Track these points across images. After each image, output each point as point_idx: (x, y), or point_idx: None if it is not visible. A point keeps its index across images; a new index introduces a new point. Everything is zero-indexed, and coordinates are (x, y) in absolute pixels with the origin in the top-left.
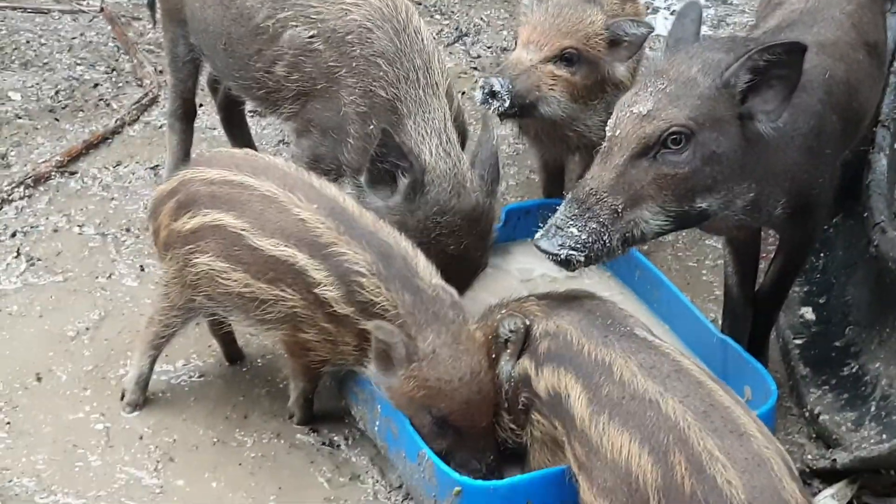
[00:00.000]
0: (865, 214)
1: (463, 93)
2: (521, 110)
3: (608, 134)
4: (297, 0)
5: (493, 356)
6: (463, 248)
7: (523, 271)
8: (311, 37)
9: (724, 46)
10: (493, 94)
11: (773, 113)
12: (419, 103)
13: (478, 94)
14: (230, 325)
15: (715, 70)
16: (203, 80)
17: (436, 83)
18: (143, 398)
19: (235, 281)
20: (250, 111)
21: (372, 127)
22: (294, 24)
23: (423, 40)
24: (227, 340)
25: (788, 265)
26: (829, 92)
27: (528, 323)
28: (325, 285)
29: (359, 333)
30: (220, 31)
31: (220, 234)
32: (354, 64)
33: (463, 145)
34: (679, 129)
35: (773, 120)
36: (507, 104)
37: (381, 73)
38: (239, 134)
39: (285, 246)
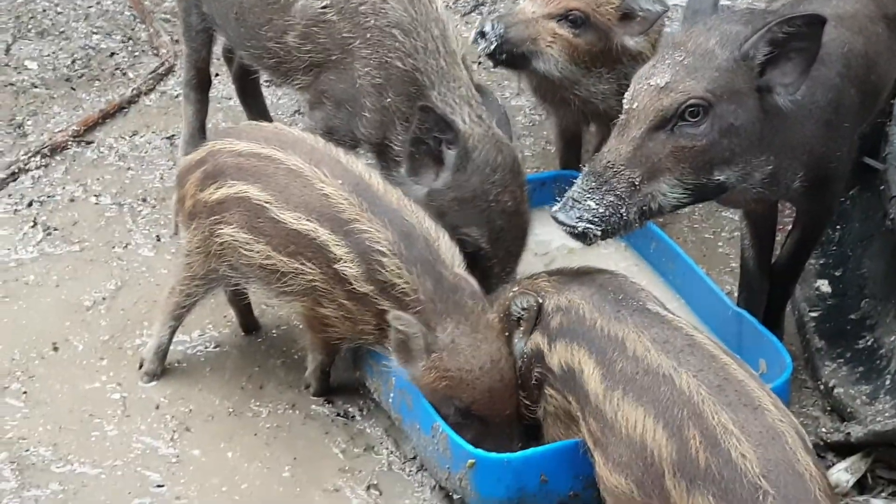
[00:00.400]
0: (882, 187)
1: (479, 62)
2: (512, 59)
3: (625, 106)
4: None
5: (507, 334)
6: (518, 202)
7: (540, 244)
8: (323, 7)
9: (743, 18)
10: (482, 34)
11: (792, 86)
12: (441, 73)
13: (471, 34)
14: (248, 295)
15: (733, 42)
16: (218, 50)
17: (454, 51)
18: (161, 368)
19: (257, 252)
20: (265, 81)
21: (389, 100)
22: None
23: (437, 9)
24: (245, 311)
25: (805, 238)
26: (847, 65)
27: (540, 301)
28: (345, 261)
29: (378, 314)
30: (232, 1)
31: (244, 206)
32: (369, 35)
33: None
34: (697, 101)
35: (792, 93)
36: (492, 47)
37: (398, 44)
38: (254, 104)
39: (307, 220)
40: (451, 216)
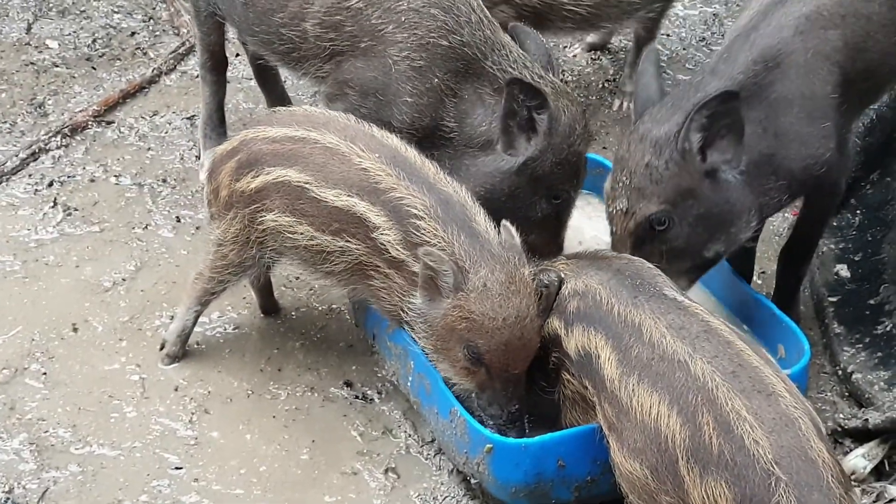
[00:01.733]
0: None
1: None
2: None
3: (609, 227)
4: None
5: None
6: (588, 142)
7: (573, 229)
8: None
9: (670, 109)
10: None
11: (734, 160)
12: (490, 43)
13: None
14: (269, 277)
15: (665, 145)
16: (234, 32)
17: (492, 20)
18: (183, 352)
19: (301, 234)
20: None
21: (436, 80)
22: None
23: None
24: (265, 293)
25: (813, 220)
26: (811, 70)
27: (562, 276)
28: (383, 229)
29: (414, 281)
30: None
31: (284, 190)
32: (403, 18)
33: None
34: (656, 216)
35: (735, 167)
36: None
37: (439, 23)
38: (272, 86)
39: (347, 196)
40: (547, 178)
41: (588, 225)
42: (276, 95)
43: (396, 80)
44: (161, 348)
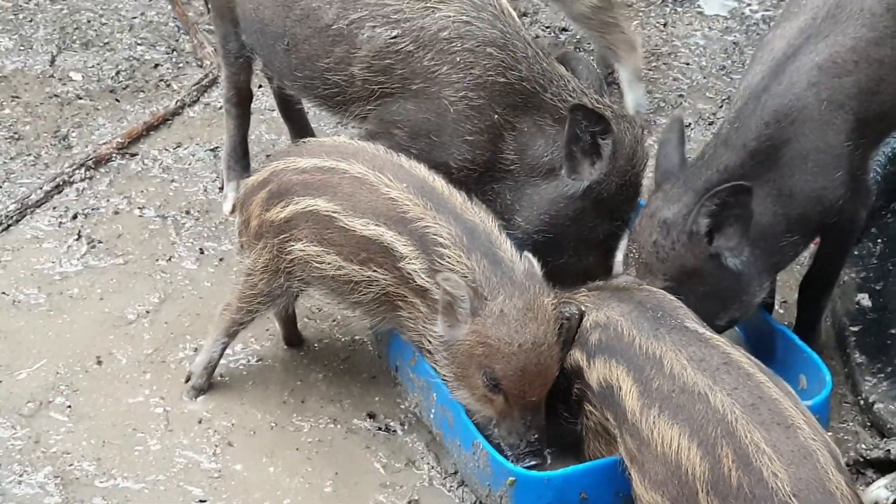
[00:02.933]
0: None
1: None
2: None
3: None
4: (370, 0)
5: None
6: (646, 167)
7: None
8: (394, 37)
9: (681, 188)
10: None
11: (736, 249)
12: (545, 74)
13: None
14: (293, 308)
15: (673, 226)
16: (258, 65)
17: (546, 52)
18: (208, 384)
19: (329, 264)
20: None
21: (496, 116)
22: (371, 24)
23: (515, 17)
24: (290, 324)
25: (833, 252)
26: (825, 122)
27: (583, 310)
28: (409, 259)
29: (434, 309)
30: (282, 32)
31: (313, 220)
32: (458, 59)
33: None
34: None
35: (737, 255)
36: None
37: (496, 62)
38: (296, 118)
39: (375, 225)
40: (611, 201)
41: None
42: (299, 127)
43: (454, 120)
44: (186, 381)
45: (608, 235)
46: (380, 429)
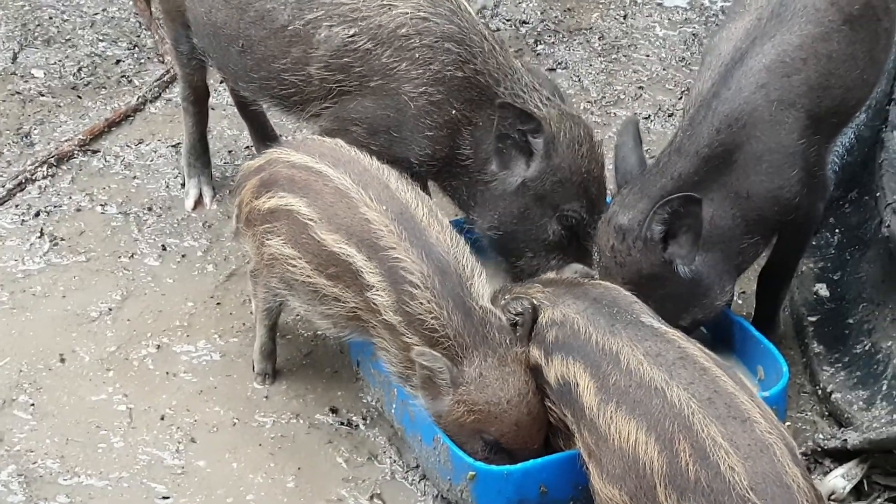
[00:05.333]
0: (878, 193)
1: None
2: None
3: None
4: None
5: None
6: (601, 165)
7: None
8: (351, 36)
9: (637, 195)
10: None
11: (687, 257)
12: (501, 68)
13: None
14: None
15: (629, 233)
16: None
17: (503, 44)
18: (273, 367)
19: (300, 269)
20: None
21: (454, 111)
22: (328, 23)
23: (471, 13)
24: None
25: (791, 245)
26: (777, 122)
27: (534, 303)
28: (377, 290)
29: (405, 347)
30: (236, 35)
31: (291, 221)
32: (417, 55)
33: None
34: None
35: (688, 264)
36: None
37: (453, 56)
38: (255, 116)
39: (346, 244)
40: (550, 198)
41: None
42: (259, 125)
43: (414, 115)
44: (253, 370)
45: (564, 236)
46: (342, 423)
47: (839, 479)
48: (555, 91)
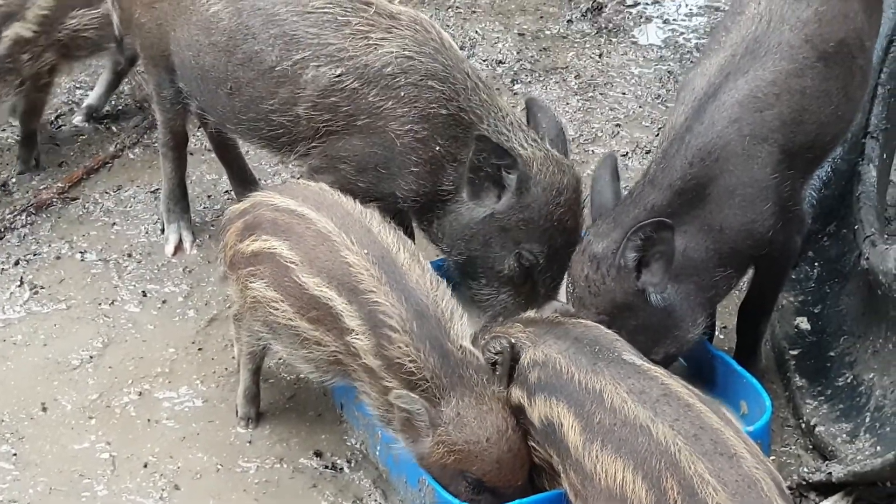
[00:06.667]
0: (856, 226)
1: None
2: None
3: None
4: (312, 40)
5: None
6: (577, 220)
7: None
8: (338, 76)
9: (611, 224)
10: None
11: (659, 285)
12: (485, 106)
13: None
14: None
15: (603, 262)
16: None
17: (488, 85)
18: (256, 411)
19: (282, 312)
20: None
21: (438, 148)
22: (315, 63)
23: (457, 51)
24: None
25: (769, 279)
26: (749, 157)
27: (512, 342)
28: (357, 333)
29: (383, 390)
30: (224, 77)
31: (273, 264)
32: (403, 93)
33: None
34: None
35: (661, 292)
36: None
37: (437, 94)
38: (233, 160)
39: (327, 287)
40: (513, 233)
41: None
42: (237, 168)
43: (400, 152)
44: (237, 414)
45: (519, 274)
46: (326, 467)
47: None
48: (559, 135)
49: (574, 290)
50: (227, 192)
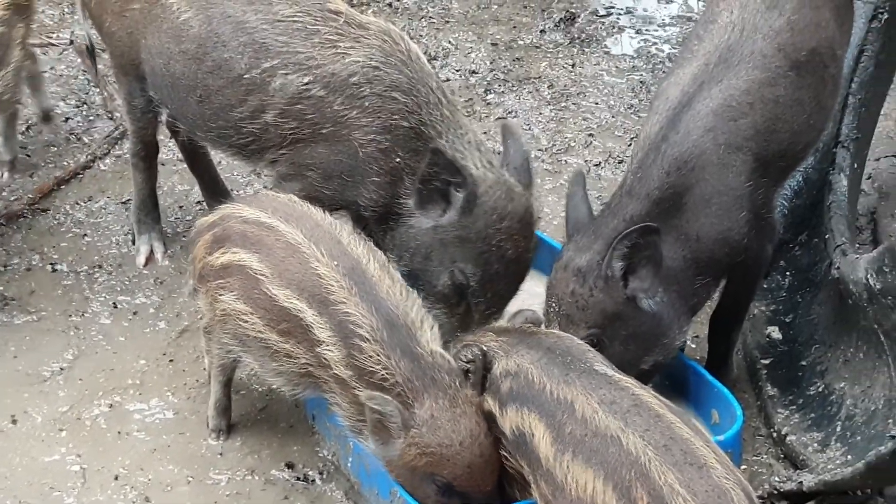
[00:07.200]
0: (827, 236)
1: None
2: None
3: None
4: (282, 48)
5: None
6: (520, 251)
7: None
8: (306, 84)
9: (591, 237)
10: None
11: (650, 290)
12: (446, 122)
13: None
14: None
15: (588, 273)
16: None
17: (453, 101)
18: (228, 423)
19: (252, 325)
20: None
21: (398, 160)
22: (283, 71)
23: (424, 64)
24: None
25: (741, 288)
26: (724, 165)
27: (484, 350)
28: (327, 345)
29: (355, 400)
30: (193, 85)
31: (243, 276)
32: (367, 103)
33: None
34: (586, 340)
35: (651, 297)
36: None
37: (400, 105)
38: (204, 170)
39: (297, 300)
40: (450, 249)
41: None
42: (209, 178)
43: (363, 161)
44: (208, 426)
45: (451, 292)
46: (298, 479)
47: None
48: (523, 164)
49: (560, 308)
50: (198, 202)
